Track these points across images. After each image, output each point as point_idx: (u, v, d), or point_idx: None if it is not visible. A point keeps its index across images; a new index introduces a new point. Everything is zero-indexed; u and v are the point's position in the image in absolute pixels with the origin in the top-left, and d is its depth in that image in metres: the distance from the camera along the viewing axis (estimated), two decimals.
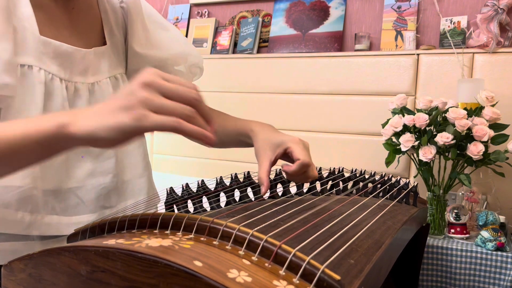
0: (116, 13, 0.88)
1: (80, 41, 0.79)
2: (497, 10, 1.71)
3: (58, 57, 0.73)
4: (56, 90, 0.72)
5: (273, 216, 0.57)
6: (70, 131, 0.49)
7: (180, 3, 2.43)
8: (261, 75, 2.11)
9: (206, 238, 0.49)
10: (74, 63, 0.76)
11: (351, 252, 0.51)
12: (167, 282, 0.39)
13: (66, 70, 0.75)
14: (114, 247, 0.42)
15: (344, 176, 0.95)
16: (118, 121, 0.47)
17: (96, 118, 0.49)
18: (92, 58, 0.80)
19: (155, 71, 0.50)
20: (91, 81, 0.79)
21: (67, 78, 0.74)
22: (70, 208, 0.75)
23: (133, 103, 0.47)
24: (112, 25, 0.87)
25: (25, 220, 0.69)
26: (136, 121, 0.47)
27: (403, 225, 0.74)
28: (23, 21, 0.69)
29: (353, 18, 2.05)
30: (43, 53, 0.71)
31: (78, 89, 0.76)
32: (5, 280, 0.51)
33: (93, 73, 0.80)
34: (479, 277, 1.37)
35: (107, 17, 0.86)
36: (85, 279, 0.44)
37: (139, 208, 0.70)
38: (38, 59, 0.70)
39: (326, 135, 1.98)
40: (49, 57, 0.72)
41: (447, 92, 1.72)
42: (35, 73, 0.69)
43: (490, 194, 1.67)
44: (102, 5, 0.86)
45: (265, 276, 0.41)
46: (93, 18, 0.84)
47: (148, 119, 0.47)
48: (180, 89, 0.49)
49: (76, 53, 0.76)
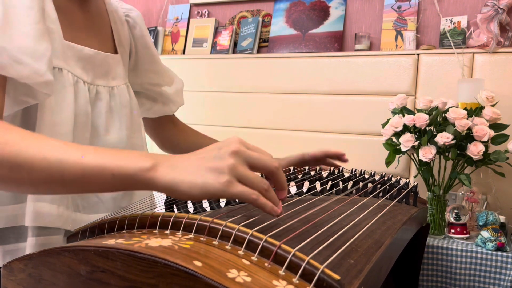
0: (123, 25, 0.91)
1: (96, 44, 0.82)
2: (497, 10, 1.71)
3: (80, 60, 0.76)
4: (80, 92, 0.74)
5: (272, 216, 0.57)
6: (152, 177, 0.51)
7: (180, 3, 2.43)
8: (261, 75, 2.11)
9: (205, 238, 0.49)
10: (95, 66, 0.79)
11: (351, 252, 0.51)
12: (166, 282, 0.39)
13: (88, 73, 0.77)
14: (114, 247, 0.42)
15: (344, 176, 0.95)
16: (205, 182, 0.50)
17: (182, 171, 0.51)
18: (111, 62, 0.83)
19: (240, 139, 0.53)
20: (112, 84, 0.83)
21: (89, 81, 0.77)
22: (90, 206, 0.77)
23: (223, 168, 0.50)
24: (120, 36, 0.90)
25: (64, 215, 0.72)
26: (224, 186, 0.49)
27: (403, 225, 0.74)
28: (51, 23, 0.71)
29: (353, 18, 2.05)
30: (68, 56, 0.73)
31: (99, 92, 0.79)
32: (5, 280, 0.51)
33: (113, 77, 0.83)
34: (479, 277, 1.36)
35: (116, 27, 0.89)
36: (84, 279, 0.44)
37: (140, 208, 0.70)
38: (65, 62, 0.72)
39: (326, 135, 1.98)
40: (73, 60, 0.74)
41: (447, 92, 1.72)
42: (65, 75, 0.71)
43: (490, 194, 1.67)
44: (112, 16, 0.89)
45: (265, 276, 0.41)
46: (104, 25, 0.87)
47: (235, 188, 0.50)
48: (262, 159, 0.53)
49: (96, 56, 0.79)
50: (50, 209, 0.70)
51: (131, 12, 0.94)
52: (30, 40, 0.62)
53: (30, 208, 0.69)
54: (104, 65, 0.81)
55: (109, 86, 0.82)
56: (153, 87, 0.99)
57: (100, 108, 0.79)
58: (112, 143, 0.81)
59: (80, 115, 0.74)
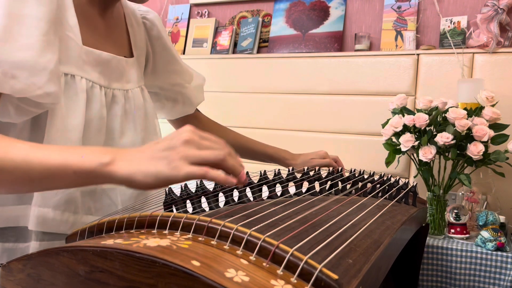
0: (140, 27, 0.93)
1: (114, 48, 0.83)
2: (497, 10, 1.71)
3: (99, 65, 0.77)
4: (95, 97, 0.75)
5: (271, 216, 0.57)
6: (111, 170, 0.54)
7: (180, 3, 2.43)
8: (261, 75, 2.11)
9: (204, 238, 0.49)
10: (111, 70, 0.80)
11: (349, 252, 0.51)
12: (165, 282, 0.39)
13: (105, 77, 0.78)
14: (112, 247, 0.43)
15: (343, 176, 0.95)
16: (158, 170, 0.53)
17: (137, 162, 0.54)
18: (125, 65, 0.84)
19: (193, 128, 0.56)
20: (126, 88, 0.84)
21: (106, 85, 0.78)
22: (103, 208, 0.79)
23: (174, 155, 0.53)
24: (137, 38, 0.91)
25: (69, 220, 0.73)
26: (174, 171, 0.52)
27: (402, 225, 0.74)
28: (68, 31, 0.72)
29: (353, 18, 2.05)
30: (85, 61, 0.74)
31: (115, 96, 0.80)
32: (4, 281, 0.52)
33: (127, 81, 0.85)
34: (479, 277, 1.36)
35: (133, 30, 0.90)
36: (83, 279, 0.44)
37: (140, 208, 0.70)
38: (80, 68, 0.73)
39: (326, 135, 1.98)
40: (90, 65, 0.75)
41: (447, 92, 1.72)
42: (78, 82, 0.72)
43: (490, 194, 1.66)
44: (129, 19, 0.90)
45: (263, 275, 0.41)
46: (122, 28, 0.88)
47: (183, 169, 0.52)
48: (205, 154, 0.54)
49: (113, 60, 0.80)
50: (54, 214, 0.71)
51: (148, 14, 0.95)
52: (33, 52, 0.63)
53: (35, 212, 0.70)
54: (120, 69, 0.82)
55: (124, 89, 0.83)
56: (173, 87, 1.01)
57: (116, 111, 0.80)
58: (127, 146, 0.81)
59: (95, 120, 0.75)
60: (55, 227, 0.72)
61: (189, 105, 1.07)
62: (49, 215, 0.71)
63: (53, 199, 0.71)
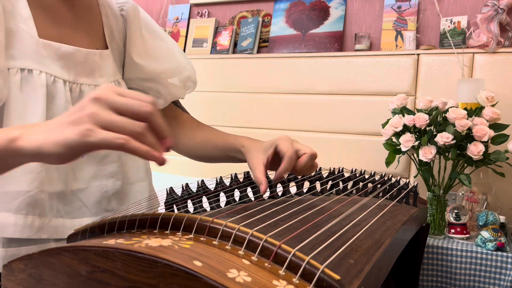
0: (117, 19, 0.88)
1: (83, 41, 0.79)
2: (497, 10, 1.71)
3: (60, 58, 0.73)
4: (59, 93, 0.71)
5: (272, 216, 0.57)
6: (19, 145, 0.48)
7: (180, 3, 2.43)
8: (261, 75, 2.11)
9: (205, 238, 0.49)
10: (77, 64, 0.76)
11: (351, 252, 0.51)
12: (166, 282, 0.39)
13: (70, 71, 0.74)
14: (114, 247, 0.42)
15: (344, 176, 0.95)
16: (64, 137, 0.46)
17: (44, 133, 0.48)
18: (97, 59, 0.80)
19: (110, 86, 0.49)
20: (99, 83, 0.79)
21: (71, 79, 0.74)
22: (74, 211, 0.75)
23: (81, 118, 0.46)
24: (113, 30, 0.86)
25: (35, 224, 0.69)
26: (82, 136, 0.46)
27: (403, 225, 0.74)
28: (22, 23, 0.69)
29: (353, 18, 2.05)
30: (43, 55, 0.71)
31: (83, 91, 0.76)
32: (5, 280, 0.51)
33: (100, 75, 0.80)
34: (479, 277, 1.36)
35: (108, 21, 0.86)
36: (85, 279, 0.44)
37: (140, 208, 0.70)
38: (39, 62, 0.70)
39: (326, 135, 1.98)
40: (51, 59, 0.71)
41: (447, 92, 1.72)
42: (35, 76, 0.69)
43: (490, 194, 1.67)
44: (103, 9, 0.86)
45: (265, 276, 0.41)
46: (94, 19, 0.84)
47: (95, 135, 0.45)
48: (132, 103, 0.47)
49: (77, 53, 0.76)
50: (16, 219, 0.67)
51: (125, 5, 0.89)
52: None
53: None
54: (89, 63, 0.78)
55: (96, 84, 0.78)
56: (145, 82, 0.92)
57: None
58: None
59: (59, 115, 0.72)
60: (18, 233, 0.67)
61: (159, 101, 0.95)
62: (10, 219, 0.67)
63: (13, 203, 0.67)
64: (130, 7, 0.89)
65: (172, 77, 0.94)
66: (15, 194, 0.67)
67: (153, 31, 0.94)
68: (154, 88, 0.92)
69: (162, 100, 0.94)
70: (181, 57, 0.96)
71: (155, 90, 0.93)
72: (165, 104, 0.95)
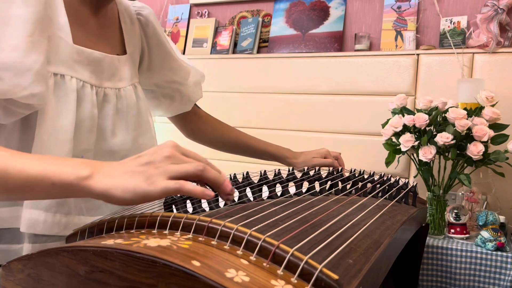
0: (134, 24, 0.91)
1: (107, 47, 0.83)
2: (497, 10, 1.71)
3: (90, 64, 0.76)
4: (86, 97, 0.75)
5: (271, 216, 0.57)
6: (88, 185, 0.53)
7: (180, 3, 2.43)
8: (261, 75, 2.11)
9: (204, 238, 0.49)
10: (103, 69, 0.79)
11: (349, 252, 0.51)
12: (165, 282, 0.39)
13: (97, 76, 0.78)
14: (113, 247, 0.43)
15: (343, 176, 0.95)
16: (136, 185, 0.52)
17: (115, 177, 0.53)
18: (117, 64, 0.83)
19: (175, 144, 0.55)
20: (118, 86, 0.83)
21: (97, 84, 0.78)
22: (94, 208, 0.78)
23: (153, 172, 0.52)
24: (130, 35, 0.90)
25: (62, 222, 0.72)
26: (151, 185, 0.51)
27: (402, 225, 0.74)
28: (59, 30, 0.72)
29: (353, 18, 2.05)
30: (76, 61, 0.74)
31: (107, 95, 0.80)
32: (4, 281, 0.52)
33: (119, 79, 0.84)
34: (479, 277, 1.36)
35: (126, 27, 0.89)
36: (83, 279, 0.44)
37: (140, 208, 0.70)
38: (71, 68, 0.73)
39: (326, 135, 1.98)
40: (82, 64, 0.75)
41: (447, 92, 1.72)
42: (67, 82, 0.72)
43: (490, 194, 1.66)
44: (122, 16, 0.89)
45: (263, 275, 0.41)
46: (115, 26, 0.87)
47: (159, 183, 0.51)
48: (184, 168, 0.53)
49: (105, 59, 0.79)
50: (46, 216, 0.70)
51: (142, 10, 0.93)
52: (18, 53, 0.63)
53: (26, 215, 0.69)
54: (112, 67, 0.81)
55: (116, 88, 0.82)
56: (169, 85, 1.00)
57: (107, 110, 0.79)
58: (117, 145, 0.81)
59: (86, 120, 0.75)
60: (47, 229, 0.71)
61: (186, 102, 1.06)
62: (40, 217, 0.70)
63: (44, 201, 0.70)
64: (150, 13, 0.94)
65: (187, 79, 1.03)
66: None
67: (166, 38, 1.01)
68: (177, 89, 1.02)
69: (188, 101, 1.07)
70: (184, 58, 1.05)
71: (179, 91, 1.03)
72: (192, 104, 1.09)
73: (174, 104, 1.04)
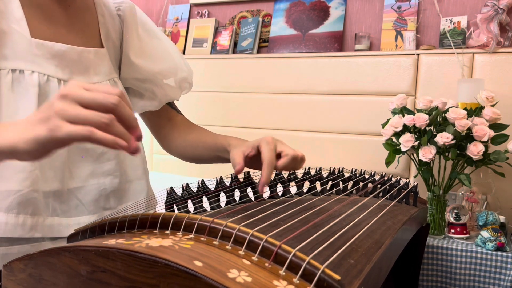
0: (114, 19, 0.88)
1: (77, 40, 0.79)
2: (497, 10, 1.71)
3: (54, 57, 0.73)
4: (52, 91, 0.71)
5: (273, 216, 0.57)
6: None
7: (180, 3, 2.43)
8: (261, 75, 2.11)
9: (206, 238, 0.49)
10: (71, 62, 0.76)
11: (351, 252, 0.51)
12: (167, 282, 0.39)
13: (64, 70, 0.74)
14: (114, 247, 0.42)
15: (344, 176, 0.95)
16: (34, 134, 0.48)
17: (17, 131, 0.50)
18: (92, 58, 0.80)
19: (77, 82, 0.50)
20: (93, 81, 0.79)
21: (66, 78, 0.74)
22: (70, 209, 0.75)
23: (49, 115, 0.48)
24: (109, 29, 0.86)
25: (27, 223, 0.69)
26: (50, 132, 0.47)
27: (403, 225, 0.74)
28: (14, 24, 0.69)
29: (353, 18, 2.05)
30: (36, 55, 0.71)
31: None
32: (5, 280, 0.51)
33: (94, 73, 0.80)
34: (479, 277, 1.36)
35: (104, 20, 0.86)
36: (85, 279, 0.44)
37: (139, 208, 0.70)
38: (31, 62, 0.70)
39: (326, 135, 1.98)
40: (44, 58, 0.72)
41: (447, 92, 1.72)
42: (27, 77, 0.69)
43: (490, 194, 1.67)
44: (100, 8, 0.86)
45: (265, 276, 0.41)
46: (90, 19, 0.84)
47: (61, 129, 0.47)
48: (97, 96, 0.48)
49: (70, 52, 0.76)
50: (7, 218, 0.67)
51: (122, 4, 0.89)
52: None
53: None
54: (83, 61, 0.78)
55: (90, 82, 0.77)
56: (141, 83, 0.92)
57: None
58: None
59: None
60: (10, 232, 0.68)
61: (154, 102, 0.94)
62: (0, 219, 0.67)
63: (3, 202, 0.67)
64: (127, 6, 0.89)
65: (168, 78, 0.94)
66: (6, 193, 0.68)
67: (150, 31, 0.93)
68: (150, 89, 0.92)
69: (157, 101, 0.94)
70: (177, 58, 0.96)
71: (150, 91, 0.92)
72: (159, 105, 0.95)
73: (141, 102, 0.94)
